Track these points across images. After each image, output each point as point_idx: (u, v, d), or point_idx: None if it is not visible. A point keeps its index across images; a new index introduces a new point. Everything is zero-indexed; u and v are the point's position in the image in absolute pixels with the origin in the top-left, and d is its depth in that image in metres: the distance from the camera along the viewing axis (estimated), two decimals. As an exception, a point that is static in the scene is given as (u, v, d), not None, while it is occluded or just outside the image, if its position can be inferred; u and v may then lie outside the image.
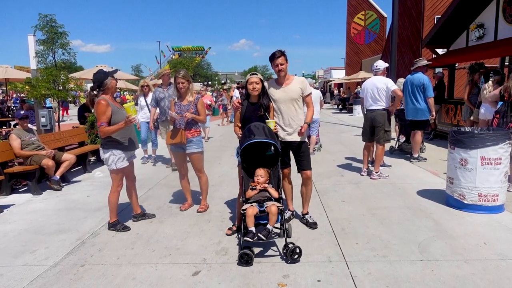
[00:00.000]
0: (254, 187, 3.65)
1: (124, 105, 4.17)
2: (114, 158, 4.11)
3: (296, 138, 4.06)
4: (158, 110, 7.32)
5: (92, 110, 4.57)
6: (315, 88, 10.91)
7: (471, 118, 8.15)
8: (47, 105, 15.14)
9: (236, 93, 19.23)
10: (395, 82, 8.21)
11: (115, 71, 4.35)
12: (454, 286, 2.86)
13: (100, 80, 4.08)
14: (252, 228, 3.39)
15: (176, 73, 4.63)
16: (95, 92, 4.12)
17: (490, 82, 7.39)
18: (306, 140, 4.15)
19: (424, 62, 7.39)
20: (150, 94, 7.78)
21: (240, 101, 3.99)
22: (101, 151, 4.19)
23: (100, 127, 3.97)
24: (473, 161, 4.37)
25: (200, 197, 4.90)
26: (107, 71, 4.23)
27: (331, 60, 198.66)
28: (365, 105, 6.46)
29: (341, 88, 37.24)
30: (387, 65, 6.60)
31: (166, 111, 6.85)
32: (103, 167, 7.29)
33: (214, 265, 3.31)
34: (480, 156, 4.32)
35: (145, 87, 8.18)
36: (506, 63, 11.58)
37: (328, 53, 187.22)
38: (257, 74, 3.92)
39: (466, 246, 3.54)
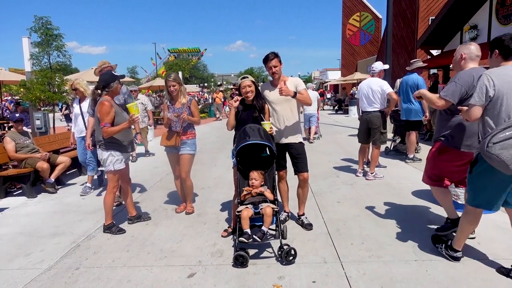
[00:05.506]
0: (248, 192, 3.65)
1: (127, 105, 4.23)
2: (113, 159, 4.12)
3: (292, 140, 4.06)
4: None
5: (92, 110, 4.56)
6: (313, 90, 12.06)
7: None
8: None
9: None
10: (392, 83, 8.26)
11: (123, 76, 4.42)
12: (448, 286, 2.88)
13: (107, 81, 4.13)
14: (247, 230, 3.39)
15: (167, 76, 4.65)
16: (99, 92, 4.15)
17: None
18: (302, 141, 4.16)
19: (420, 63, 7.44)
20: (87, 101, 5.76)
21: (238, 99, 3.98)
22: (99, 151, 4.20)
23: (104, 128, 3.98)
24: (467, 161, 4.38)
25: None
26: (116, 74, 4.29)
27: (327, 61, 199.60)
28: (360, 107, 6.49)
29: (333, 92, 37.37)
30: (385, 67, 6.57)
31: None
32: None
33: (209, 267, 3.31)
34: (473, 156, 4.33)
35: (74, 91, 6.04)
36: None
37: (323, 54, 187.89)
38: (248, 77, 3.92)
39: (460, 246, 3.56)
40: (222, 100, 23.02)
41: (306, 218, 4.25)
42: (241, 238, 3.33)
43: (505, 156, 2.66)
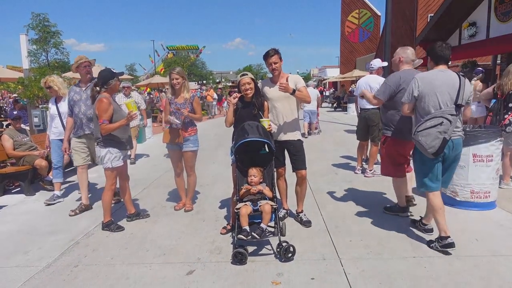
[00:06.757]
0: (247, 190, 3.63)
1: (124, 101, 4.23)
2: (111, 156, 4.11)
3: (291, 137, 4.06)
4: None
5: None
6: (314, 87, 12.70)
7: None
8: None
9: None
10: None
11: (121, 73, 4.43)
12: (446, 283, 2.89)
13: (106, 78, 4.13)
14: (246, 227, 3.39)
15: (171, 69, 4.64)
16: (97, 89, 4.15)
17: (478, 82, 7.50)
18: (301, 138, 4.16)
19: (418, 61, 7.42)
20: (65, 100, 5.27)
21: (237, 96, 3.98)
22: (97, 149, 4.19)
23: (102, 125, 3.99)
24: (465, 158, 4.40)
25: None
26: (115, 71, 4.29)
27: (326, 58, 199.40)
28: (359, 104, 6.49)
29: (333, 89, 37.31)
30: (384, 64, 6.56)
31: (82, 121, 4.85)
32: (97, 167, 7.24)
33: (208, 264, 3.32)
34: (472, 153, 4.36)
35: (48, 89, 5.44)
36: (498, 61, 11.69)
37: (322, 51, 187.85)
38: (247, 74, 3.92)
39: (458, 243, 3.55)
40: (216, 97, 22.93)
41: (305, 215, 4.25)
42: (239, 235, 3.34)
43: (424, 142, 3.29)
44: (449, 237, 3.39)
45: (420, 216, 3.97)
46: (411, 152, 3.97)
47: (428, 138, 3.27)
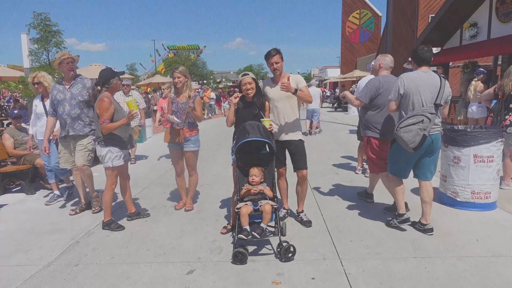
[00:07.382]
0: (248, 190, 3.63)
1: (125, 100, 4.25)
2: (111, 155, 4.11)
3: (292, 137, 4.06)
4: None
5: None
6: (316, 86, 12.95)
7: (458, 118, 8.26)
8: None
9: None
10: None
11: (122, 72, 4.42)
12: (446, 283, 2.89)
13: (107, 78, 4.14)
14: (247, 227, 3.40)
15: (173, 68, 4.65)
16: (98, 88, 4.16)
17: (479, 82, 7.50)
18: (302, 138, 4.16)
19: None
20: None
21: (238, 95, 3.97)
22: (97, 148, 4.19)
23: (103, 124, 3.99)
24: (466, 159, 4.41)
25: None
26: (116, 71, 4.30)
27: (327, 58, 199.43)
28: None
29: (333, 90, 37.32)
30: None
31: (66, 122, 4.59)
32: (97, 166, 7.24)
33: (208, 264, 3.32)
34: (472, 154, 4.36)
35: (37, 85, 5.11)
36: (499, 62, 11.68)
37: (323, 51, 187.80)
38: (249, 74, 3.91)
39: (459, 243, 3.57)
40: (213, 98, 22.89)
41: (305, 215, 4.25)
42: (240, 235, 3.34)
43: (406, 138, 3.52)
44: (405, 214, 3.86)
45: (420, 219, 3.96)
46: None
47: (409, 134, 3.51)
